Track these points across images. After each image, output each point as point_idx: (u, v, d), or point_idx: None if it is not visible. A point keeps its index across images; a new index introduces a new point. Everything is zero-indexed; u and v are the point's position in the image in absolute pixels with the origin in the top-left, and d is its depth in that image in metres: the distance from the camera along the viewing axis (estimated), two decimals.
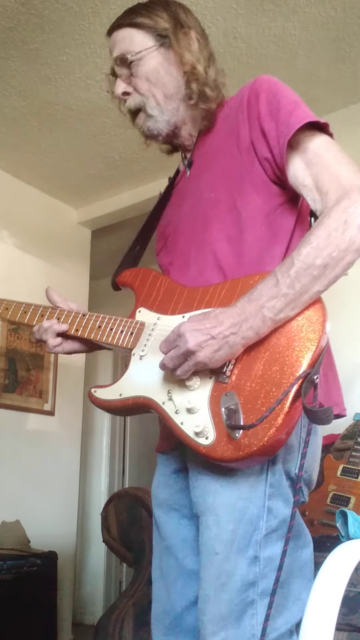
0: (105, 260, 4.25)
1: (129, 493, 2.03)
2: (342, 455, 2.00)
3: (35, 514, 2.95)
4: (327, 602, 0.90)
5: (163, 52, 1.11)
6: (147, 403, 0.99)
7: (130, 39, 1.12)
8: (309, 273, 0.87)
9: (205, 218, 1.06)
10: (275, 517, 0.91)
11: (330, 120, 1.04)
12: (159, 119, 1.13)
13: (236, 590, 0.88)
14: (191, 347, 0.88)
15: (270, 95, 1.02)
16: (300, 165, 0.97)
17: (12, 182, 3.32)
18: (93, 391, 1.06)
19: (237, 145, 1.04)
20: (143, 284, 1.14)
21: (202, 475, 0.95)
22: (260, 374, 0.90)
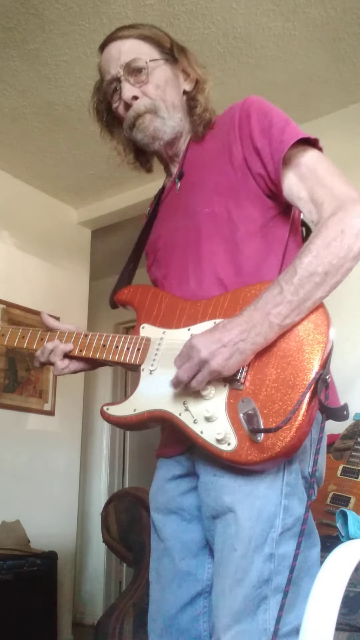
0: (105, 260, 4.25)
1: (129, 493, 2.03)
2: (342, 455, 2.00)
3: (35, 514, 2.95)
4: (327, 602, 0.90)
5: (171, 67, 1.17)
6: (163, 416, 1.01)
7: (138, 48, 1.16)
8: (312, 280, 0.92)
9: (202, 232, 1.10)
10: (291, 515, 0.94)
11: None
12: (167, 123, 1.15)
13: (252, 586, 0.90)
14: (204, 356, 0.92)
15: (261, 115, 1.07)
16: (295, 179, 1.02)
17: (12, 182, 3.32)
18: (105, 409, 1.08)
19: (230, 162, 1.09)
20: (143, 300, 1.16)
21: (217, 477, 0.97)
22: (274, 378, 0.94)
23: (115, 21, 2.24)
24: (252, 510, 0.92)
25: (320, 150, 1.05)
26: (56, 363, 1.17)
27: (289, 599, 0.90)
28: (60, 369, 1.18)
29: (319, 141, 1.05)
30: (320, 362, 0.92)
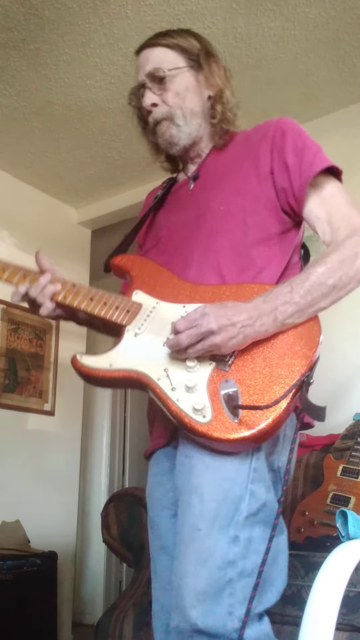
0: (105, 260, 4.26)
1: (129, 493, 2.03)
2: (342, 455, 2.00)
3: (35, 514, 2.95)
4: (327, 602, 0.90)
5: (194, 74, 1.21)
6: (140, 378, 1.00)
7: (164, 57, 1.22)
8: (320, 290, 0.99)
9: (213, 227, 1.14)
10: (257, 500, 0.95)
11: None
12: (182, 130, 1.20)
13: (216, 567, 0.90)
14: (213, 328, 0.94)
15: (295, 135, 1.13)
16: (317, 200, 1.10)
17: (12, 182, 3.32)
18: (78, 357, 1.04)
19: (256, 171, 1.14)
20: (141, 269, 1.17)
21: (188, 458, 0.99)
22: (260, 369, 0.97)
23: (115, 21, 2.24)
24: (219, 491, 0.94)
25: (341, 182, 1.13)
26: (45, 304, 1.14)
27: (255, 583, 0.91)
28: (51, 309, 1.14)
29: (342, 172, 1.13)
30: (308, 364, 0.96)
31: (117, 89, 2.62)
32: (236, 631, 0.88)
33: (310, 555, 1.49)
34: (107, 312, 1.10)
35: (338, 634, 1.33)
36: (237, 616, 0.89)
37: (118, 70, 2.50)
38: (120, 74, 2.52)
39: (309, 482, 2.10)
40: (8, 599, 2.35)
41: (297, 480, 2.14)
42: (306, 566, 1.46)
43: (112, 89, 2.62)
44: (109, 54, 2.41)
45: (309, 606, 0.90)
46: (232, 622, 0.88)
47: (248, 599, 0.90)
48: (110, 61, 2.45)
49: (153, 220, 1.33)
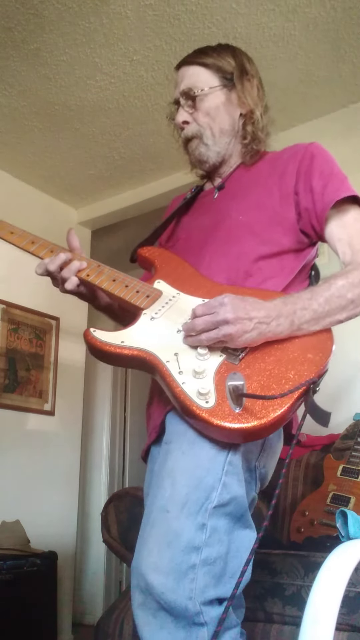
0: (105, 260, 4.24)
1: (129, 493, 2.03)
2: (342, 455, 2.00)
3: (35, 514, 2.95)
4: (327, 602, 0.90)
5: (226, 93, 1.25)
6: (149, 359, 1.01)
7: (197, 76, 1.25)
8: (339, 302, 1.03)
9: (228, 234, 1.18)
10: (229, 492, 0.96)
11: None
12: (211, 148, 1.26)
13: (180, 550, 0.91)
14: (230, 318, 0.96)
15: (323, 161, 1.17)
16: (340, 223, 1.14)
17: (12, 182, 3.32)
18: (92, 330, 1.06)
19: (279, 188, 1.18)
20: (166, 262, 1.22)
21: (167, 444, 1.02)
22: (270, 367, 0.98)
23: (115, 21, 2.24)
24: (192, 478, 0.95)
25: None
26: (71, 279, 1.18)
27: (217, 572, 0.92)
28: (75, 284, 1.18)
29: None
30: (318, 371, 0.98)
31: (117, 89, 2.62)
32: (197, 615, 0.89)
33: (310, 555, 1.49)
34: (127, 294, 1.13)
35: (338, 634, 1.33)
36: (197, 601, 0.89)
37: (118, 70, 2.50)
38: (120, 74, 2.52)
39: (309, 482, 2.10)
40: (8, 599, 2.35)
41: (297, 480, 2.14)
42: (306, 566, 1.46)
43: (112, 89, 2.62)
44: (109, 54, 2.41)
45: (309, 606, 0.90)
46: (194, 606, 0.89)
47: (210, 589, 0.91)
48: (110, 61, 2.45)
49: (177, 222, 1.38)
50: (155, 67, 2.47)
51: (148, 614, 0.91)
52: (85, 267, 1.19)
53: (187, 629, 0.89)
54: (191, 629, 0.89)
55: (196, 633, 0.89)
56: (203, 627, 0.89)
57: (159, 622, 0.90)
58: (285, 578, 1.47)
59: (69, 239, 1.26)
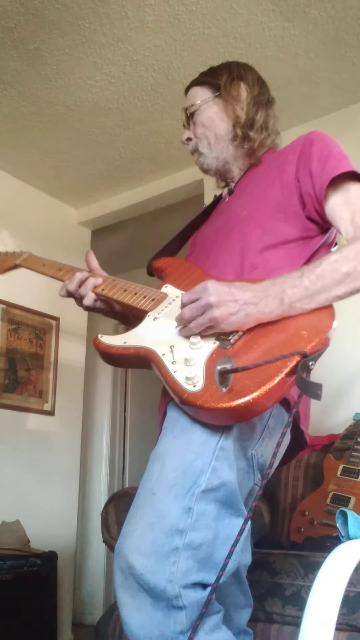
0: (105, 260, 4.24)
1: (129, 493, 2.03)
2: (342, 455, 2.00)
3: (35, 514, 2.95)
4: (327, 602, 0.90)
5: (217, 102, 1.32)
6: (147, 355, 1.05)
7: (194, 94, 1.36)
8: (332, 276, 0.98)
9: (233, 230, 1.21)
10: (218, 477, 0.95)
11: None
12: (207, 156, 1.33)
13: (163, 532, 0.91)
14: (212, 301, 0.96)
15: (322, 145, 1.17)
16: (341, 201, 1.11)
17: (12, 182, 3.32)
18: (99, 336, 1.13)
19: (280, 178, 1.20)
20: (176, 268, 1.27)
21: (163, 430, 1.03)
22: (262, 349, 0.97)
23: (115, 21, 2.24)
24: (181, 462, 0.95)
25: None
26: (88, 295, 1.26)
27: (202, 558, 0.92)
28: (92, 299, 1.27)
29: None
30: (311, 345, 0.94)
31: (117, 89, 2.62)
32: (176, 598, 0.88)
33: (310, 555, 1.49)
34: (135, 300, 1.19)
35: (338, 634, 1.33)
36: (177, 585, 0.89)
37: (118, 70, 2.50)
38: (120, 74, 2.52)
39: (309, 482, 2.10)
40: (8, 599, 2.35)
41: (297, 480, 2.14)
42: (306, 566, 1.46)
43: (112, 89, 2.62)
44: (109, 54, 2.41)
45: (309, 606, 0.90)
46: (172, 589, 0.88)
47: (192, 573, 0.90)
48: (110, 61, 2.45)
49: (197, 232, 1.42)
50: (155, 67, 2.47)
51: (127, 594, 0.91)
52: (101, 283, 1.26)
53: (165, 611, 0.89)
54: (169, 611, 0.88)
55: (174, 616, 0.88)
56: (181, 611, 0.88)
57: (137, 603, 0.90)
58: (285, 578, 1.47)
59: (87, 260, 1.36)
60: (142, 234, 3.91)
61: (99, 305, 1.30)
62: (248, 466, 1.04)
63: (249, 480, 1.05)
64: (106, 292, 1.25)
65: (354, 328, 2.46)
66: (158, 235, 3.82)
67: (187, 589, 0.90)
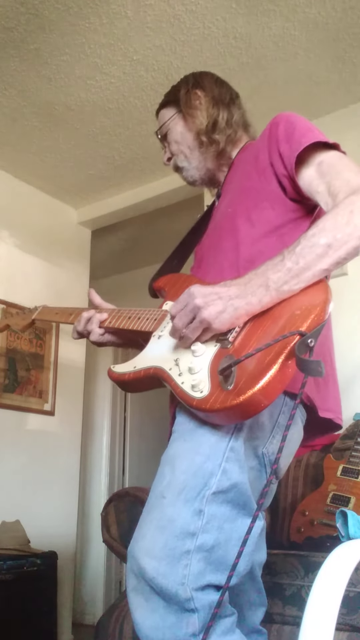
0: (105, 260, 4.25)
1: (129, 493, 2.03)
2: (342, 455, 2.00)
3: (35, 514, 2.95)
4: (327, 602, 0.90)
5: (182, 116, 1.35)
6: (157, 372, 1.07)
7: (162, 117, 1.41)
8: (313, 251, 0.96)
9: (223, 229, 1.21)
10: (229, 479, 0.95)
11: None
12: (188, 168, 1.37)
13: (173, 536, 0.91)
14: (198, 303, 0.97)
15: (287, 124, 1.16)
16: (315, 175, 1.08)
17: (12, 182, 3.32)
18: (112, 367, 1.16)
19: (255, 167, 1.19)
20: (173, 283, 1.28)
21: (173, 434, 1.03)
22: (259, 338, 0.96)
23: (115, 21, 2.24)
24: (191, 465, 0.95)
25: (343, 153, 1.11)
26: (94, 330, 1.29)
27: (215, 560, 0.92)
28: (99, 334, 1.30)
29: (340, 146, 1.11)
30: (308, 323, 0.92)
31: (117, 89, 2.62)
32: (187, 601, 0.88)
33: (310, 555, 1.49)
34: (139, 324, 1.21)
35: (338, 634, 1.33)
36: (189, 587, 0.89)
37: (118, 70, 2.50)
38: (120, 74, 2.52)
39: (309, 482, 2.10)
40: (8, 599, 2.35)
41: (297, 480, 2.14)
42: (306, 566, 1.46)
43: (112, 89, 2.62)
44: (109, 54, 2.41)
45: (309, 606, 0.90)
46: (184, 592, 0.88)
47: (205, 576, 0.90)
48: (110, 61, 2.45)
49: (200, 241, 1.43)
50: (155, 67, 2.47)
51: (141, 597, 0.91)
52: (107, 317, 1.30)
53: (178, 614, 0.89)
54: (182, 614, 0.89)
55: (186, 619, 0.89)
56: (193, 614, 0.89)
57: (150, 606, 0.90)
58: (285, 578, 1.47)
59: (90, 297, 1.38)
60: (142, 234, 3.91)
61: (109, 339, 1.32)
62: (260, 465, 1.04)
63: (262, 478, 1.04)
64: (112, 323, 1.28)
65: (354, 328, 2.46)
66: (158, 235, 3.83)
67: (199, 591, 0.90)
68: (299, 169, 1.10)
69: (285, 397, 1.05)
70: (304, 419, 1.13)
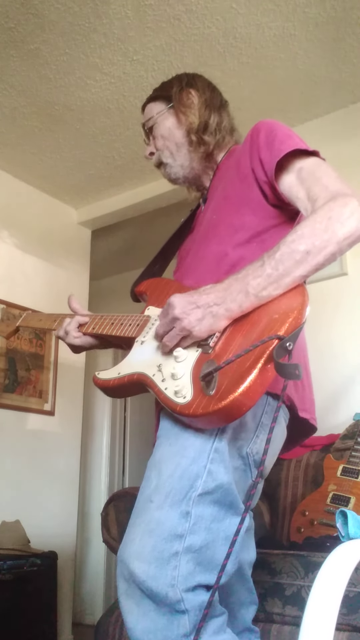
0: (105, 260, 4.25)
1: (129, 493, 2.03)
2: (342, 455, 2.00)
3: (35, 514, 2.95)
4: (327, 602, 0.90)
5: (172, 113, 1.35)
6: (140, 378, 1.08)
7: (150, 110, 1.39)
8: (292, 257, 0.97)
9: (207, 236, 1.23)
10: (214, 480, 0.96)
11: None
12: (172, 165, 1.36)
13: (162, 538, 0.92)
14: (177, 314, 0.99)
15: (268, 131, 1.17)
16: (295, 181, 1.10)
17: (12, 182, 3.32)
18: (96, 374, 1.17)
19: (237, 173, 1.21)
20: (154, 288, 1.29)
21: (159, 439, 1.05)
22: (239, 342, 0.98)
23: (115, 21, 2.24)
24: (176, 468, 0.97)
25: (322, 160, 1.13)
26: (70, 332, 1.32)
27: (202, 559, 0.93)
28: (74, 337, 1.33)
29: (319, 153, 1.13)
30: (285, 327, 0.93)
31: (117, 89, 2.62)
32: (178, 603, 0.89)
33: (310, 555, 1.49)
34: (122, 330, 1.22)
35: (338, 634, 1.33)
36: (179, 589, 0.90)
37: (118, 70, 2.50)
38: (120, 74, 2.52)
39: (309, 482, 2.10)
40: (8, 599, 2.35)
41: (297, 480, 2.14)
42: (306, 566, 1.47)
43: (112, 89, 2.62)
44: (109, 54, 2.41)
45: (309, 606, 0.90)
46: (174, 594, 0.90)
47: (194, 576, 0.91)
48: (110, 61, 2.45)
49: (182, 245, 1.43)
50: (155, 67, 2.47)
51: (132, 602, 0.92)
52: (90, 322, 1.31)
53: (168, 616, 0.90)
54: (172, 616, 0.90)
55: (177, 621, 0.90)
56: (184, 615, 0.90)
57: (141, 610, 0.91)
58: (285, 578, 1.47)
59: (69, 303, 1.39)
60: (142, 234, 3.91)
61: (91, 342, 1.35)
62: (244, 464, 1.05)
63: (247, 478, 1.06)
64: (96, 330, 1.29)
65: (354, 328, 2.46)
66: (158, 235, 3.83)
67: (189, 592, 0.90)
68: (280, 176, 1.12)
69: (268, 397, 1.07)
70: (287, 418, 1.14)
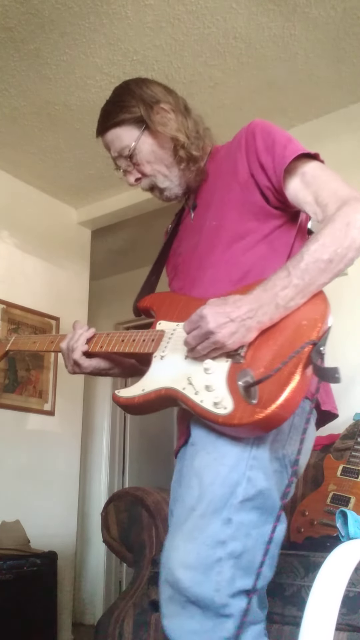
0: (105, 260, 4.25)
1: (129, 493, 2.03)
2: (342, 455, 2.00)
3: (35, 514, 2.95)
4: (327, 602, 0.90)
5: (150, 133, 1.27)
6: (169, 393, 1.07)
7: (119, 137, 1.28)
8: (317, 266, 1.00)
9: (210, 244, 1.21)
10: (254, 486, 0.98)
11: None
12: (171, 187, 1.31)
13: (205, 545, 0.94)
14: (212, 328, 0.99)
15: (265, 134, 1.17)
16: (300, 186, 1.12)
17: (12, 182, 3.32)
18: (117, 392, 1.15)
19: (236, 179, 1.19)
20: (161, 302, 1.28)
21: (193, 446, 1.05)
22: (272, 351, 1.00)
23: (115, 21, 2.24)
24: (217, 476, 0.98)
25: (322, 162, 1.15)
26: (78, 348, 1.28)
27: (243, 565, 0.95)
28: (84, 366, 1.29)
29: (319, 155, 1.15)
30: (316, 333, 0.97)
31: None
32: (223, 607, 0.92)
33: (310, 555, 1.49)
34: (136, 347, 1.20)
35: (338, 634, 1.33)
36: (224, 594, 0.92)
37: (118, 70, 2.50)
38: (120, 74, 2.52)
39: (309, 482, 2.10)
40: (8, 599, 2.35)
41: (297, 480, 2.14)
42: (306, 566, 1.47)
43: (112, 89, 2.61)
44: (109, 54, 2.41)
45: (309, 606, 0.90)
46: (220, 599, 0.92)
47: (237, 581, 0.93)
48: (110, 61, 2.45)
49: (172, 253, 1.41)
50: (155, 67, 2.47)
51: (177, 606, 0.94)
52: (96, 341, 1.28)
53: (215, 619, 0.92)
54: (218, 619, 0.92)
55: (223, 624, 0.92)
56: (229, 619, 0.92)
57: (188, 613, 0.93)
58: (285, 578, 1.47)
59: (74, 328, 1.36)
60: (142, 234, 3.91)
61: (98, 365, 1.32)
62: (281, 466, 1.06)
63: (284, 479, 1.07)
64: (105, 348, 1.26)
65: (354, 328, 2.46)
66: (158, 235, 3.83)
67: (233, 597, 0.93)
68: (284, 180, 1.12)
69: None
70: (315, 417, 1.17)
